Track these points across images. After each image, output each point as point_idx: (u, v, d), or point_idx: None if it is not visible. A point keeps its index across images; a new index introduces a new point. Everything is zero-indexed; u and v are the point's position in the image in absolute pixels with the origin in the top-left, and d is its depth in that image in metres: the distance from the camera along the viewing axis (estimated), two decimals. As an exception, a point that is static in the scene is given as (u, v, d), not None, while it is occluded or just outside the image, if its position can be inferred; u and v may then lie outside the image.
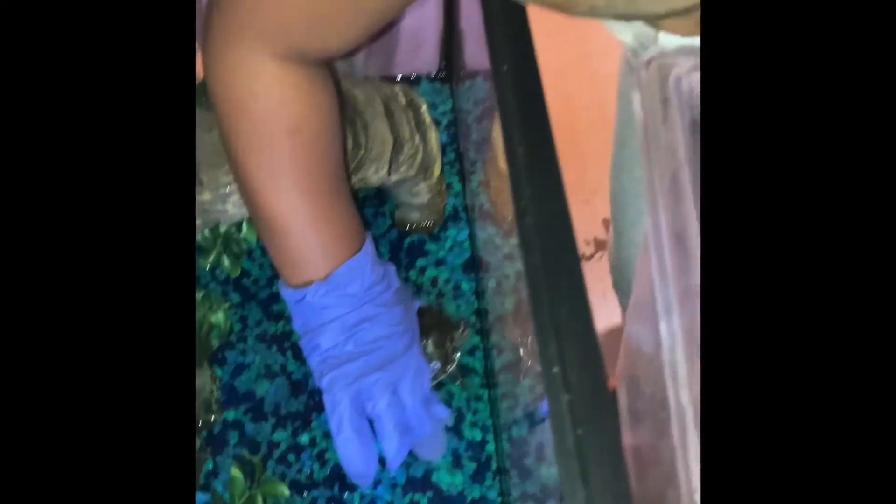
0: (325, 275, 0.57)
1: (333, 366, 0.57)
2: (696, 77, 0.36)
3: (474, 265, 0.68)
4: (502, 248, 0.60)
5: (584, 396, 0.26)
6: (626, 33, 0.41)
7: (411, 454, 0.59)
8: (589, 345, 0.28)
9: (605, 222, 1.19)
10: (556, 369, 0.27)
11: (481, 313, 0.65)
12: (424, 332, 0.61)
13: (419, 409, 0.58)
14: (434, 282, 0.67)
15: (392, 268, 0.61)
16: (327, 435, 0.60)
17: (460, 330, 0.62)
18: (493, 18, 0.42)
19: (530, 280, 0.30)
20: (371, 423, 0.58)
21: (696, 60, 0.37)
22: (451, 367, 0.62)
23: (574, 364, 0.27)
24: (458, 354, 0.62)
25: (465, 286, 0.67)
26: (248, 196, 0.57)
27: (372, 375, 0.56)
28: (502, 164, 0.42)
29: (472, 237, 0.69)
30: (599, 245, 1.20)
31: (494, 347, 0.62)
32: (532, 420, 0.50)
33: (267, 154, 0.55)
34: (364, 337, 0.57)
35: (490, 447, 0.60)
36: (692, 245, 0.33)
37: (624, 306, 0.72)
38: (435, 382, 0.61)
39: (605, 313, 0.72)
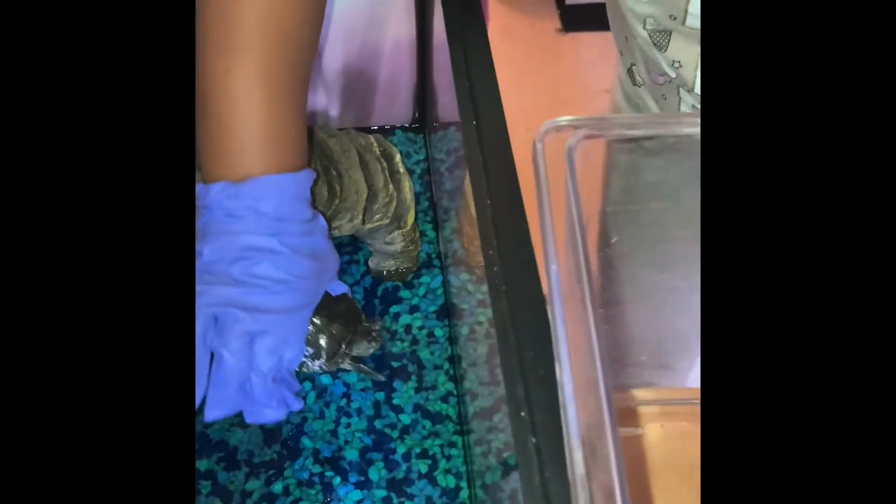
0: (244, 176, 0.50)
1: (208, 281, 0.50)
2: (588, 144, 0.39)
3: (448, 312, 0.68)
4: (475, 294, 0.61)
5: (549, 440, 0.27)
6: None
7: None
8: (554, 388, 0.29)
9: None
10: (523, 413, 0.28)
11: (455, 359, 0.66)
12: (330, 318, 0.56)
13: (268, 381, 0.52)
14: (408, 329, 0.68)
15: (324, 225, 0.56)
16: (301, 484, 0.60)
17: (368, 339, 0.59)
18: (461, 73, 0.43)
19: (498, 326, 0.31)
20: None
21: (588, 131, 0.39)
22: (331, 368, 0.58)
23: (541, 408, 0.28)
24: (347, 361, 0.59)
25: (439, 332, 0.67)
26: (203, 74, 0.50)
27: (239, 312, 0.49)
28: (474, 212, 0.43)
29: (445, 284, 0.70)
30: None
31: (468, 393, 0.63)
32: (506, 466, 0.50)
33: (235, 33, 0.50)
34: (253, 268, 0.50)
35: (464, 493, 0.60)
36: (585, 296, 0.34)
37: None
38: (302, 376, 0.56)
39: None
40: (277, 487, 0.60)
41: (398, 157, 0.69)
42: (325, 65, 0.78)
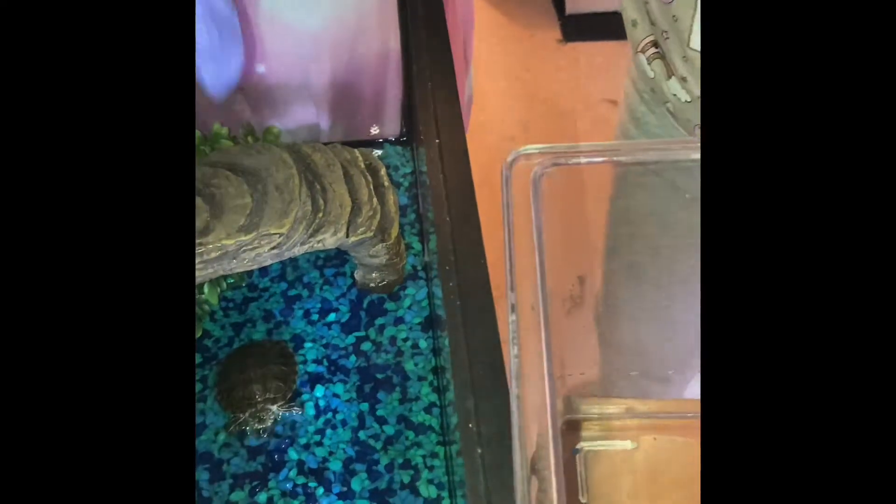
0: None
1: None
2: (552, 171, 0.40)
3: (432, 323, 0.69)
4: (456, 306, 0.61)
5: (492, 450, 0.28)
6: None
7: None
8: (501, 401, 0.29)
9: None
10: (471, 424, 0.28)
11: (438, 371, 0.66)
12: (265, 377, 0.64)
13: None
14: (393, 340, 0.68)
15: None
16: (285, 494, 0.61)
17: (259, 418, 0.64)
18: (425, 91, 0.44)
19: (451, 340, 0.31)
20: None
21: (553, 158, 0.40)
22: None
23: (487, 418, 0.28)
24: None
25: (423, 344, 0.68)
26: None
27: None
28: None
29: (430, 296, 0.70)
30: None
31: (451, 405, 0.63)
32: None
33: None
34: None
35: (445, 503, 0.61)
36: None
37: None
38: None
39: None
40: (261, 498, 0.61)
41: (383, 171, 0.70)
42: (313, 79, 0.79)
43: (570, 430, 0.57)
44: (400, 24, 0.73)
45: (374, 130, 0.84)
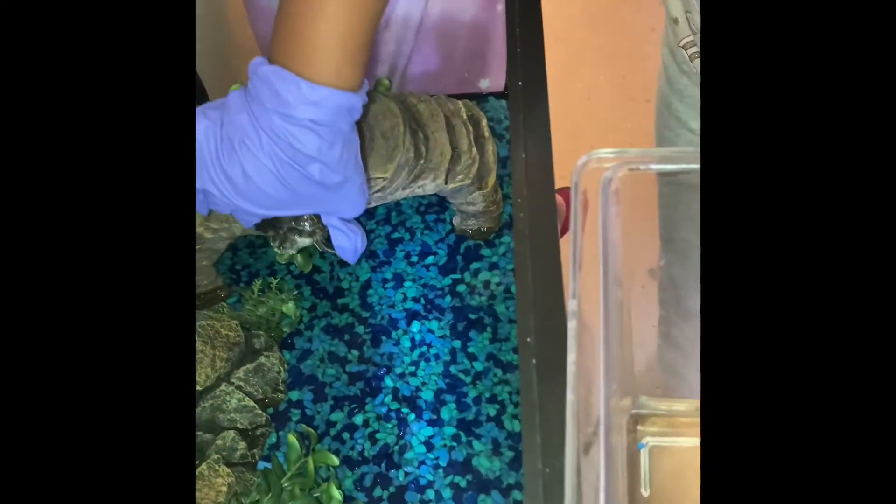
0: (318, 81, 0.53)
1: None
2: (624, 173, 0.42)
3: (525, 270, 0.72)
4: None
5: (546, 360, 0.31)
6: None
7: (458, 441, 0.64)
8: (559, 321, 0.32)
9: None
10: (529, 339, 0.32)
11: (518, 328, 0.70)
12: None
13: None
14: (486, 284, 0.72)
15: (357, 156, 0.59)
16: (380, 418, 0.66)
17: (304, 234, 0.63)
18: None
19: (518, 262, 0.35)
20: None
21: (625, 163, 0.42)
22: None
23: (543, 334, 0.31)
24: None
25: (515, 289, 0.71)
26: None
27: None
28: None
29: (514, 257, 0.73)
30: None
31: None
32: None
33: None
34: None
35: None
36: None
37: None
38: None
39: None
40: (358, 419, 0.66)
41: (484, 122, 0.73)
42: (423, 34, 0.83)
43: (636, 424, 0.59)
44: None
45: (483, 84, 0.87)
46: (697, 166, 0.46)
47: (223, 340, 0.65)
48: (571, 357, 0.36)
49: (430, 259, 0.74)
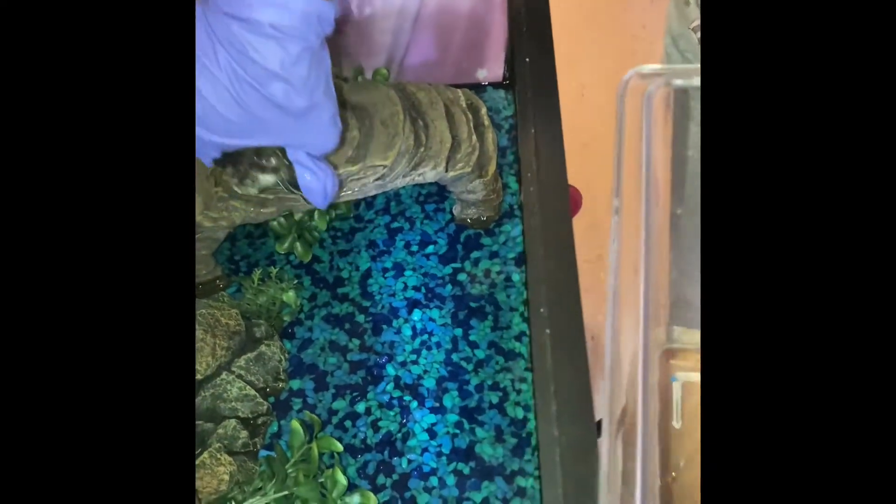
0: None
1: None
2: (665, 91, 0.42)
3: (525, 259, 0.72)
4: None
5: (559, 330, 0.31)
6: None
7: (460, 428, 0.64)
8: (571, 291, 0.32)
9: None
10: (542, 309, 0.32)
11: (528, 303, 0.70)
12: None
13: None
14: (487, 273, 0.72)
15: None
16: (382, 406, 0.66)
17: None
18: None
19: (527, 242, 0.35)
20: None
21: (667, 78, 0.42)
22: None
23: (556, 304, 0.31)
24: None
25: (516, 277, 0.71)
26: None
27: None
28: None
29: (524, 233, 0.73)
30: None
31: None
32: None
33: None
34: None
35: (531, 425, 0.64)
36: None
37: None
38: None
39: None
40: (360, 407, 0.66)
41: (483, 111, 0.73)
42: (422, 23, 0.82)
43: (670, 358, 0.60)
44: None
45: (480, 74, 0.87)
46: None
47: (223, 329, 0.65)
48: (615, 247, 0.36)
49: (431, 248, 0.74)
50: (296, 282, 0.72)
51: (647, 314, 0.37)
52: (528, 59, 0.46)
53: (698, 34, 0.75)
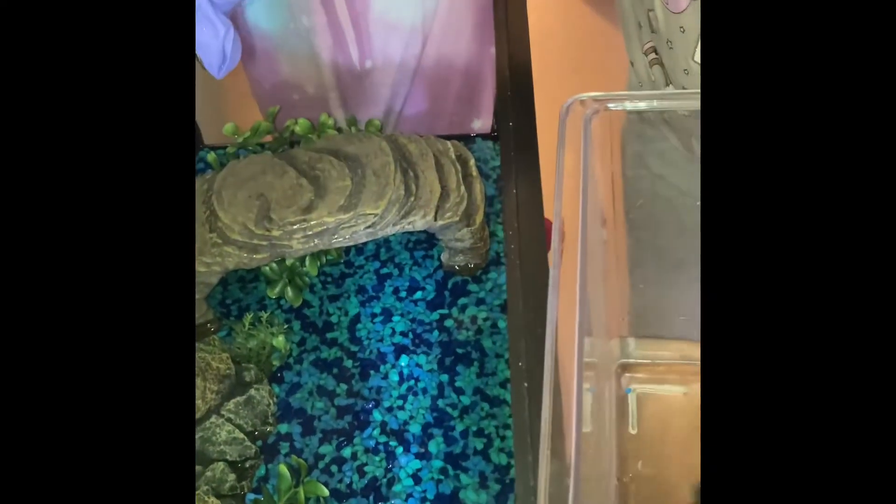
0: None
1: None
2: (605, 114, 0.44)
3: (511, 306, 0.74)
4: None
5: (538, 384, 0.32)
6: None
7: (443, 474, 0.64)
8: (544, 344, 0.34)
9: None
10: (520, 363, 0.33)
11: (510, 354, 0.71)
12: None
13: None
14: (473, 319, 0.74)
15: None
16: (368, 450, 0.67)
17: None
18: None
19: (509, 294, 0.36)
20: None
21: (604, 104, 0.45)
22: None
23: (534, 357, 0.33)
24: None
25: (502, 324, 0.73)
26: None
27: None
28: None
29: (508, 284, 0.75)
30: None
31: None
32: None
33: None
34: None
35: (514, 471, 0.65)
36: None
37: None
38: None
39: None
40: (346, 452, 0.67)
41: (472, 162, 0.75)
42: (415, 77, 0.85)
43: (625, 371, 0.62)
44: (495, 26, 0.79)
45: (475, 125, 0.89)
46: (663, 105, 0.49)
47: (214, 373, 0.66)
48: (554, 273, 0.38)
49: (419, 294, 0.76)
50: (286, 326, 0.73)
51: (583, 331, 0.39)
52: (511, 123, 0.49)
53: (647, 57, 0.77)
